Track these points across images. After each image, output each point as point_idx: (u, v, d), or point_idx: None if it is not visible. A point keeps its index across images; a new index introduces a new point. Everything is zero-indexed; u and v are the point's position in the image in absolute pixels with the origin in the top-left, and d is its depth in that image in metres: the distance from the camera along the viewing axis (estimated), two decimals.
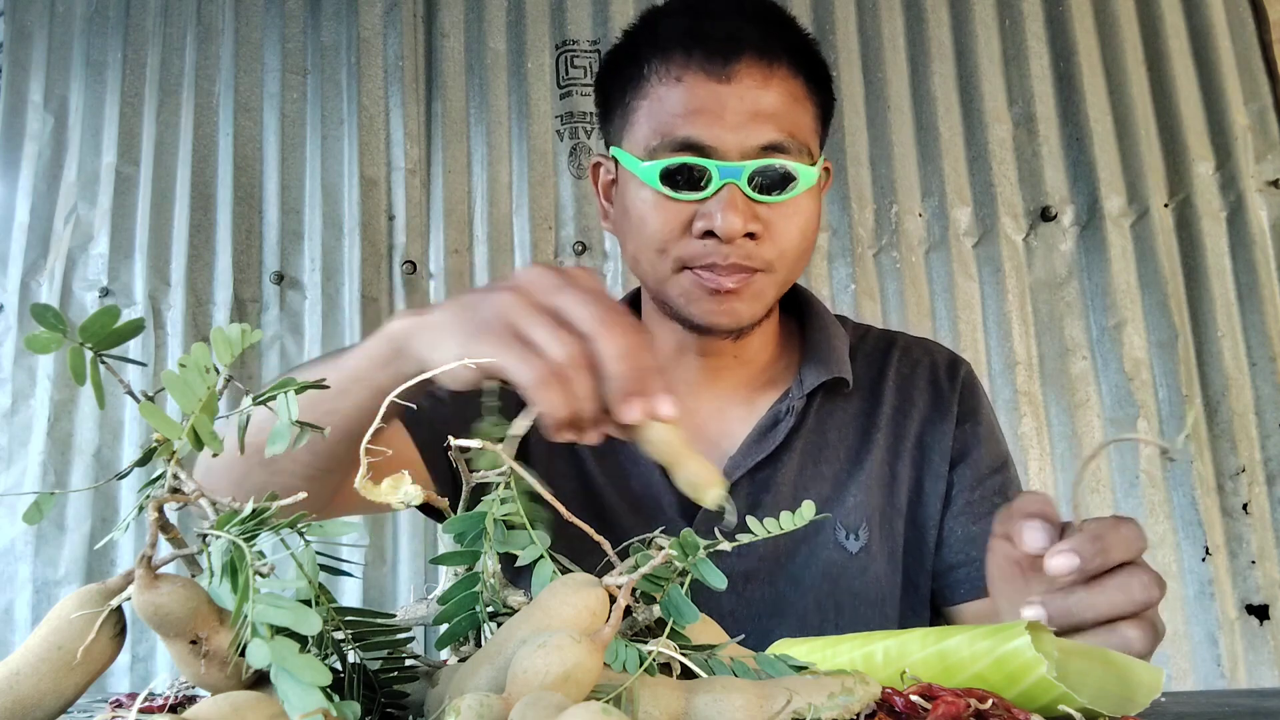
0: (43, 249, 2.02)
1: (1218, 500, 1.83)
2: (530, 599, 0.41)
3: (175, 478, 0.37)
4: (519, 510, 0.43)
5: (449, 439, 0.43)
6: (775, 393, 0.94)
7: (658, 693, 0.35)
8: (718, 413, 0.94)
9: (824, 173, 0.93)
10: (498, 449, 0.44)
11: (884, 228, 1.99)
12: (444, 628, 0.41)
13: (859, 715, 0.36)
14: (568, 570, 0.43)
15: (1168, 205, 1.93)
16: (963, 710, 0.37)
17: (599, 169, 0.95)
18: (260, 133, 2.08)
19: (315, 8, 2.11)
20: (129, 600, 0.34)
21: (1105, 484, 1.86)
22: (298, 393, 0.40)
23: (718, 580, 0.42)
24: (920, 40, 2.03)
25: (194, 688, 0.43)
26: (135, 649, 1.87)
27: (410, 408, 0.77)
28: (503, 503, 0.43)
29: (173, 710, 0.42)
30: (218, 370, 0.38)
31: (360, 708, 0.33)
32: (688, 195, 0.81)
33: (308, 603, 0.35)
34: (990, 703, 0.39)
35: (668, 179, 0.81)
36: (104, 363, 0.37)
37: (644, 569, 0.39)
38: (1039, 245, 1.97)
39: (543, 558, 0.43)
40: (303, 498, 0.37)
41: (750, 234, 0.81)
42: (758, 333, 0.93)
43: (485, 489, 0.45)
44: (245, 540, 0.34)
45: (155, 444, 0.37)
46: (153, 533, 0.34)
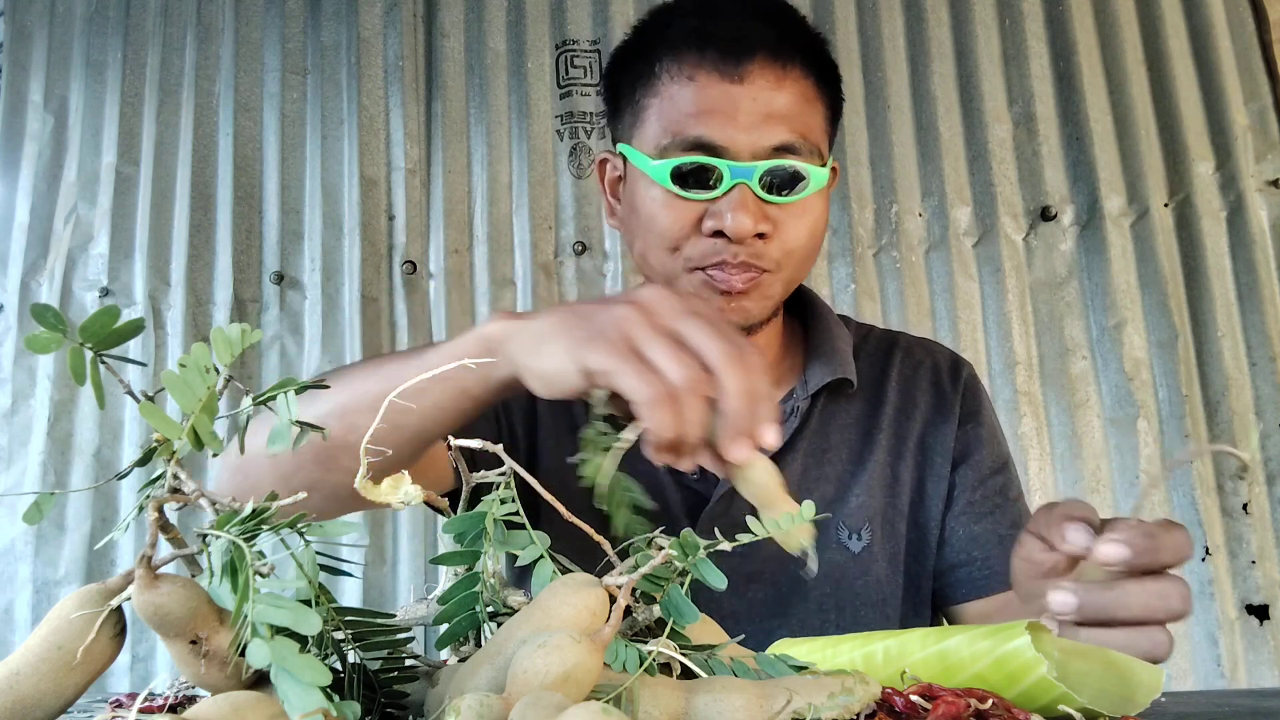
0: (43, 249, 2.02)
1: (1218, 500, 1.83)
2: (530, 599, 0.41)
3: (175, 478, 0.37)
4: (519, 511, 0.43)
5: (448, 438, 0.43)
6: (779, 393, 0.94)
7: (658, 693, 0.35)
8: None
9: (831, 173, 0.94)
10: (591, 458, 0.44)
11: (884, 227, 1.99)
12: (444, 628, 0.41)
13: (859, 715, 0.36)
14: (568, 570, 0.43)
15: (1168, 205, 1.93)
16: (963, 710, 0.37)
17: (605, 165, 0.94)
18: (260, 133, 2.08)
19: (315, 8, 2.11)
20: (129, 600, 0.34)
21: (1105, 484, 1.86)
22: (298, 393, 0.40)
23: (717, 580, 0.42)
24: (920, 40, 2.03)
25: (194, 688, 0.43)
26: (135, 649, 1.87)
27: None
28: (502, 503, 0.43)
29: (173, 710, 0.42)
30: (218, 370, 0.38)
31: (360, 708, 0.33)
32: (698, 194, 0.81)
33: (308, 603, 0.35)
34: (990, 703, 0.39)
35: (678, 178, 0.81)
36: (104, 363, 0.37)
37: (644, 569, 0.39)
38: (1039, 245, 1.97)
39: (543, 558, 0.43)
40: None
41: (760, 234, 0.80)
42: (763, 333, 0.93)
43: (486, 489, 0.45)
44: (245, 540, 0.34)
45: (155, 444, 0.37)
46: (153, 533, 0.34)
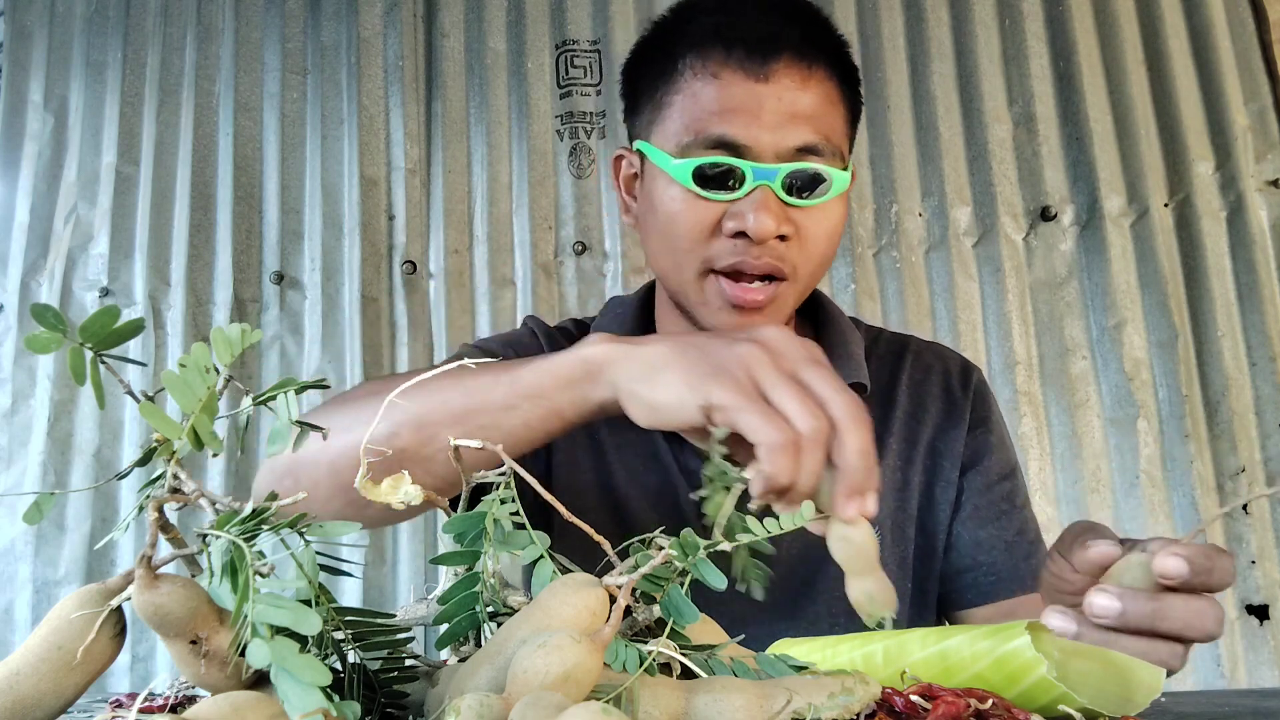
0: (43, 249, 2.02)
1: (1218, 500, 1.83)
2: (530, 599, 0.41)
3: (175, 478, 0.37)
4: (519, 511, 0.43)
5: (449, 437, 0.43)
6: None
7: (658, 693, 0.35)
8: None
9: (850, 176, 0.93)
10: (712, 496, 0.44)
11: (884, 227, 1.99)
12: (444, 628, 0.41)
13: (859, 715, 0.36)
14: (568, 570, 0.43)
15: (1168, 205, 1.93)
16: (963, 710, 0.37)
17: (621, 162, 0.93)
18: (260, 133, 2.08)
19: (315, 8, 2.11)
20: (129, 600, 0.34)
21: (1105, 484, 1.86)
22: (298, 393, 0.40)
23: (717, 580, 0.42)
24: (920, 40, 2.03)
25: (194, 688, 0.43)
26: (135, 649, 1.87)
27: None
28: (502, 503, 0.43)
29: (173, 710, 0.42)
30: (218, 370, 0.38)
31: (360, 708, 0.33)
32: (719, 195, 0.79)
33: (308, 603, 0.35)
34: (990, 703, 0.39)
35: (700, 177, 0.79)
36: (104, 363, 0.37)
37: (644, 569, 0.39)
38: (1039, 245, 1.97)
39: (543, 558, 0.43)
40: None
41: (782, 236, 0.79)
42: None
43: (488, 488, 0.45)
44: (245, 540, 0.34)
45: (155, 444, 0.37)
46: (153, 533, 0.34)
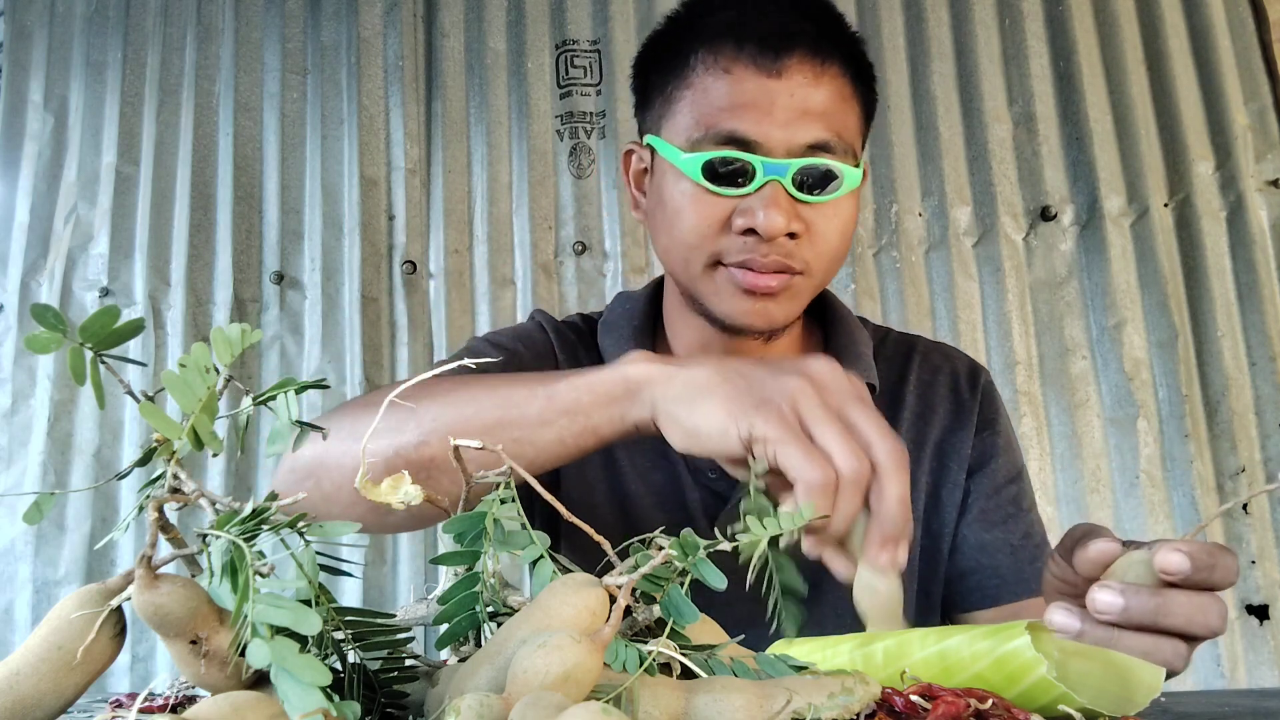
0: (43, 249, 2.02)
1: (1217, 500, 1.83)
2: (530, 599, 0.41)
3: (175, 478, 0.37)
4: (519, 512, 0.43)
5: (451, 438, 0.43)
6: None
7: (658, 693, 0.35)
8: None
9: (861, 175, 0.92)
10: (749, 531, 0.44)
11: (884, 227, 1.99)
12: (444, 628, 0.41)
13: (859, 715, 0.36)
14: (568, 570, 0.43)
15: (1168, 205, 1.93)
16: (963, 710, 0.37)
17: (631, 157, 0.92)
18: (260, 133, 2.08)
19: (315, 8, 2.11)
20: (129, 600, 0.34)
21: (1105, 484, 1.86)
22: (298, 393, 0.40)
23: (717, 580, 0.42)
24: (920, 40, 2.03)
25: (194, 688, 0.43)
26: (135, 649, 1.87)
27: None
28: (502, 503, 0.43)
29: (173, 710, 0.42)
30: (218, 370, 0.38)
31: (360, 708, 0.33)
32: (729, 190, 0.78)
33: (308, 603, 0.35)
34: (990, 703, 0.39)
35: (710, 173, 0.79)
36: (104, 363, 0.37)
37: (644, 569, 0.39)
38: (1039, 245, 1.97)
39: (542, 558, 0.42)
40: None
41: (792, 233, 0.78)
42: (784, 333, 0.91)
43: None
44: (245, 540, 0.34)
45: (155, 444, 0.37)
46: (153, 533, 0.34)
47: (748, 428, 0.53)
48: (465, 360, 0.48)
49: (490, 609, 0.42)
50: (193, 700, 0.40)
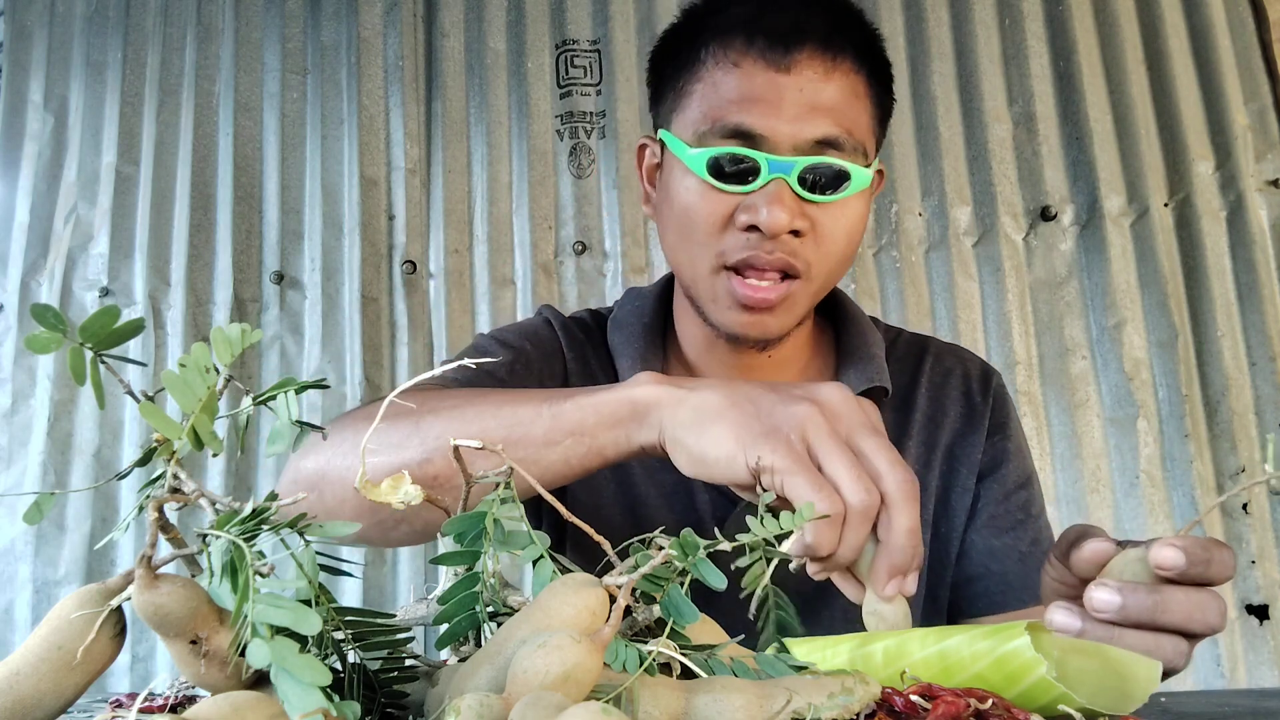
0: (43, 249, 2.02)
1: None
2: (530, 599, 0.41)
3: (175, 478, 0.37)
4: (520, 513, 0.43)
5: (450, 438, 0.43)
6: None
7: (658, 693, 0.35)
8: None
9: (876, 176, 0.90)
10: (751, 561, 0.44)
11: (884, 227, 1.99)
12: (444, 628, 0.41)
13: (859, 715, 0.36)
14: (568, 570, 0.43)
15: (1168, 205, 1.93)
16: (963, 710, 0.37)
17: (644, 151, 0.91)
18: (260, 133, 2.08)
19: (315, 8, 2.11)
20: (129, 600, 0.34)
21: (1105, 484, 1.86)
22: (298, 392, 0.40)
23: (717, 580, 0.42)
24: (920, 40, 2.03)
25: (194, 688, 0.43)
26: (135, 649, 1.87)
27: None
28: (503, 502, 0.43)
29: (173, 710, 0.42)
30: (218, 370, 0.38)
31: (360, 708, 0.33)
32: (733, 187, 0.78)
33: (308, 603, 0.35)
34: (990, 703, 0.39)
35: (714, 168, 0.78)
36: (104, 363, 0.37)
37: (644, 569, 0.39)
38: (1039, 245, 1.97)
39: (542, 557, 0.42)
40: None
41: (796, 231, 0.77)
42: (793, 335, 0.90)
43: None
44: (245, 540, 0.34)
45: (155, 444, 0.37)
46: (153, 533, 0.34)
47: (755, 457, 0.52)
48: (467, 360, 0.48)
49: (490, 609, 0.41)
50: (193, 700, 0.40)
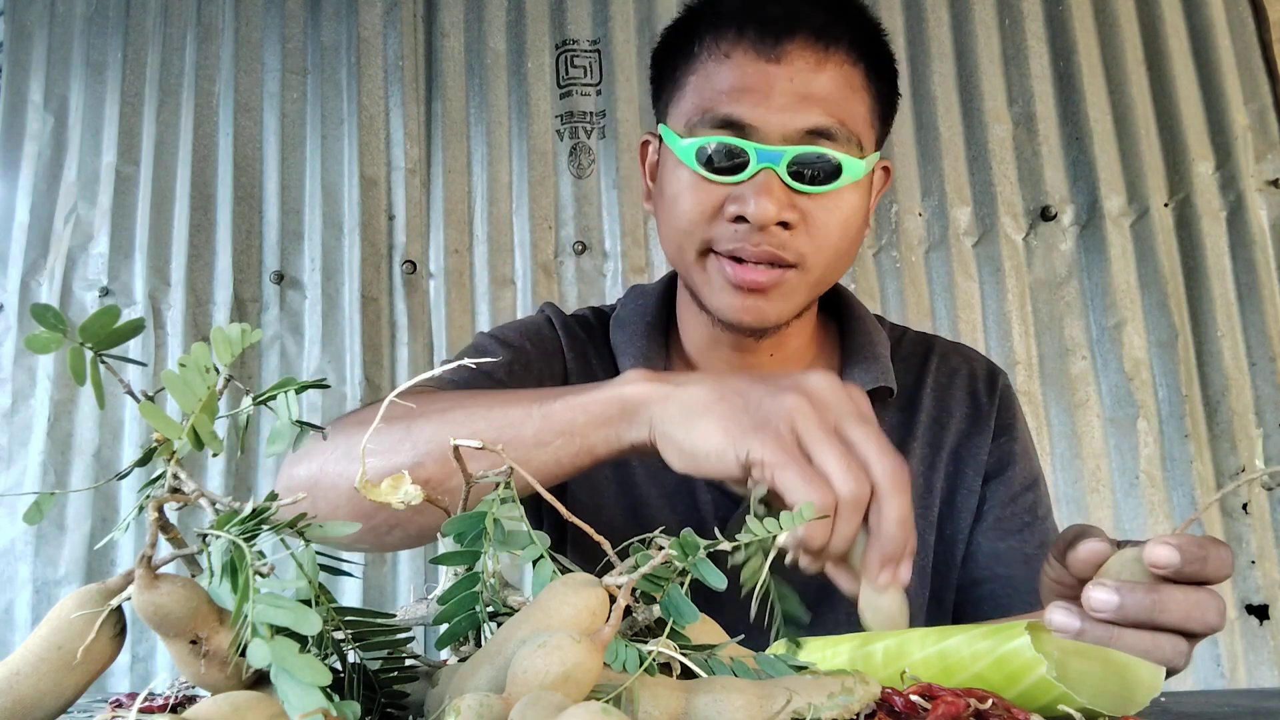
0: (43, 249, 2.02)
1: (1218, 501, 1.83)
2: (530, 599, 0.41)
3: (175, 478, 0.37)
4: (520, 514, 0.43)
5: (451, 438, 0.43)
6: None
7: (658, 693, 0.35)
8: None
9: (882, 172, 0.89)
10: (748, 556, 0.44)
11: (884, 227, 1.99)
12: (444, 628, 0.41)
13: (859, 715, 0.36)
14: (568, 570, 0.43)
15: (1168, 205, 1.93)
16: (963, 710, 0.37)
17: (647, 147, 0.91)
18: (260, 133, 2.08)
19: (315, 8, 2.11)
20: (129, 600, 0.34)
21: (1105, 484, 1.86)
22: (298, 392, 0.40)
23: (717, 580, 0.42)
24: (920, 40, 2.03)
25: (194, 688, 0.43)
26: (135, 649, 1.87)
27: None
28: (503, 502, 0.43)
29: (173, 710, 0.42)
30: (218, 370, 0.38)
31: (360, 708, 0.33)
32: (723, 177, 0.77)
33: (308, 603, 0.35)
34: (990, 703, 0.39)
35: (704, 158, 0.77)
36: (104, 363, 0.37)
37: (644, 569, 0.39)
38: (1039, 245, 1.97)
39: (543, 557, 0.42)
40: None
41: (785, 223, 0.76)
42: (796, 332, 0.90)
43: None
44: (245, 540, 0.34)
45: (155, 444, 0.37)
46: (153, 533, 0.34)
47: (745, 450, 0.52)
48: (467, 361, 0.48)
49: (490, 609, 0.41)
50: (193, 700, 0.40)
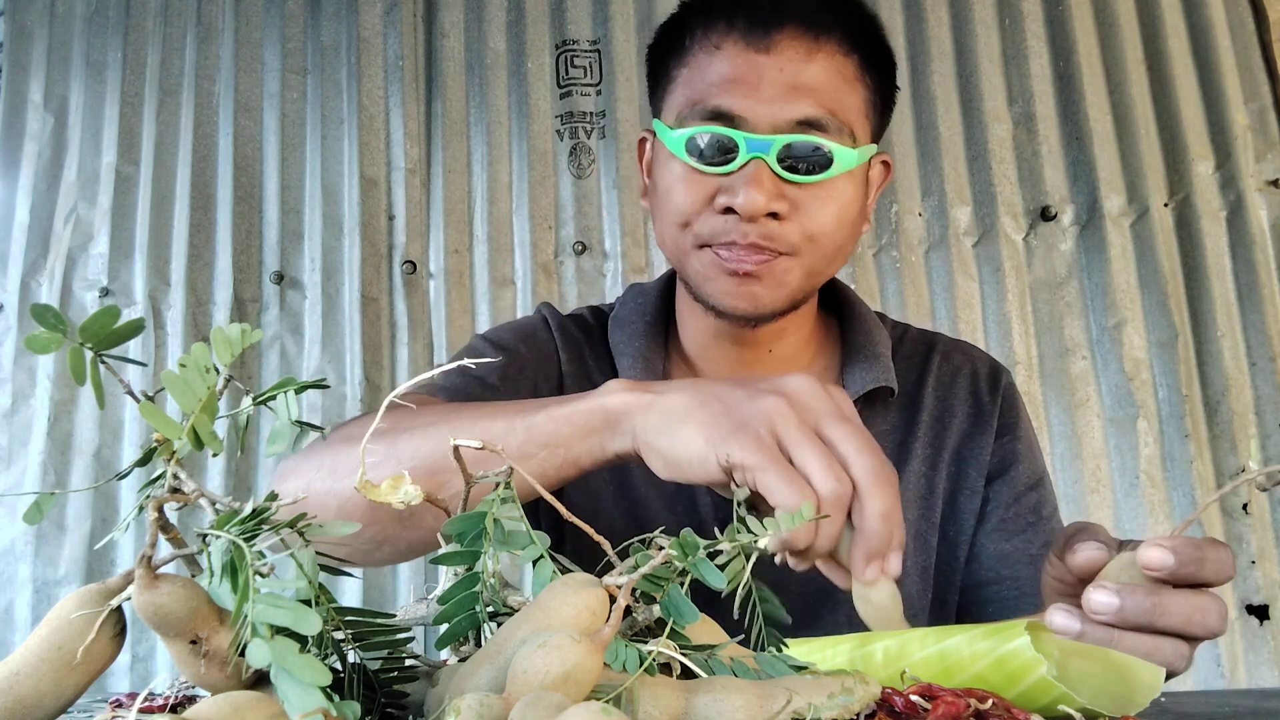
0: (43, 249, 2.02)
1: (1217, 501, 1.83)
2: (530, 599, 0.41)
3: (175, 478, 0.37)
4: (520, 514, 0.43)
5: (451, 439, 0.43)
6: None
7: (658, 693, 0.35)
8: None
9: (881, 167, 0.89)
10: (730, 559, 0.44)
11: (884, 227, 1.99)
12: (444, 628, 0.41)
13: (859, 715, 0.36)
14: (568, 570, 0.43)
15: (1168, 205, 1.93)
16: (963, 710, 0.37)
17: (644, 144, 0.91)
18: (260, 133, 2.08)
19: (315, 8, 2.11)
20: (129, 600, 0.34)
21: (1105, 484, 1.86)
22: (298, 392, 0.40)
23: (717, 580, 0.42)
24: (920, 40, 2.03)
25: (194, 688, 0.43)
26: (135, 649, 1.87)
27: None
28: (503, 502, 0.43)
29: (173, 710, 0.42)
30: (218, 370, 0.38)
31: (360, 708, 0.33)
32: (713, 168, 0.77)
33: (308, 603, 0.35)
34: (990, 703, 0.39)
35: (694, 149, 0.77)
36: (104, 363, 0.37)
37: (644, 569, 0.39)
38: (1039, 245, 1.97)
39: (543, 557, 0.42)
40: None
41: (775, 214, 0.76)
42: (795, 327, 0.89)
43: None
44: (245, 540, 0.34)
45: (155, 444, 0.37)
46: (153, 533, 0.34)
47: (725, 455, 0.52)
48: (465, 361, 0.48)
49: (490, 609, 0.41)
50: (193, 700, 0.40)
